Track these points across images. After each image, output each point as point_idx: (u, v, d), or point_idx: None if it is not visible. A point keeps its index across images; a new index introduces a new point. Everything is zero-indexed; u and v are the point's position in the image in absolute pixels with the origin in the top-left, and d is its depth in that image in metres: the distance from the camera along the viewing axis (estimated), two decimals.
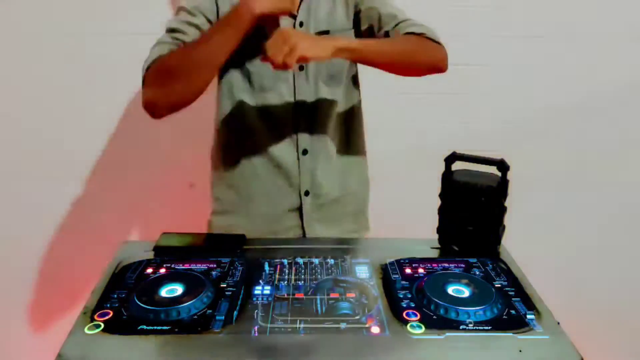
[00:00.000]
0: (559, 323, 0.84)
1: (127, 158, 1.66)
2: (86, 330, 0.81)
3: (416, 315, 0.85)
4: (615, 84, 1.65)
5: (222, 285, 0.92)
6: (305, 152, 1.22)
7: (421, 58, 1.14)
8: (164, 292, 0.89)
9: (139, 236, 1.09)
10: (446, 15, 1.56)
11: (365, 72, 1.33)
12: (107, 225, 1.66)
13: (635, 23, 1.61)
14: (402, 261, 1.01)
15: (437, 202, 1.08)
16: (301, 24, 1.18)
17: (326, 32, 1.18)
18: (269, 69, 1.06)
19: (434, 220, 1.09)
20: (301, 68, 1.18)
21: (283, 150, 1.21)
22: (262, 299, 0.89)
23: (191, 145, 1.66)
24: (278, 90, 1.18)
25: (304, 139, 1.21)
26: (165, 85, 1.08)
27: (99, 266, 1.00)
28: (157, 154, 1.67)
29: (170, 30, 1.12)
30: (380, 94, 1.39)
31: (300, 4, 1.17)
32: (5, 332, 1.78)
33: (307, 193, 1.24)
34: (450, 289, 0.90)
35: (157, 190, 1.69)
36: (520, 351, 0.78)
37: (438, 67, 1.16)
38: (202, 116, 1.67)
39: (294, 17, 1.17)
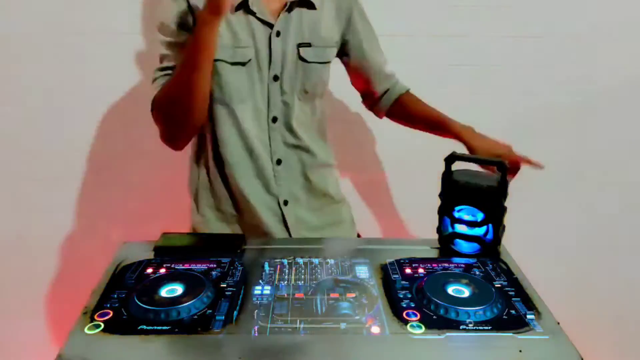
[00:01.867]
0: (559, 323, 0.84)
1: (127, 158, 1.66)
2: (86, 330, 0.81)
3: (416, 315, 0.85)
4: (615, 84, 1.65)
5: (222, 285, 0.92)
6: (279, 162, 1.22)
7: None
8: (164, 292, 0.89)
9: (139, 236, 1.09)
10: (446, 15, 1.57)
11: None
12: (107, 225, 1.66)
13: (635, 23, 1.61)
14: (402, 261, 1.01)
15: (437, 202, 1.08)
16: (278, 34, 1.16)
17: (307, 45, 1.19)
18: (242, 80, 1.15)
19: (434, 220, 1.09)
20: (275, 78, 1.18)
21: (259, 160, 1.21)
22: (262, 299, 0.89)
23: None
24: (253, 100, 1.18)
25: (278, 148, 1.22)
26: (171, 123, 1.14)
27: (99, 266, 1.00)
28: (158, 153, 1.66)
29: (160, 60, 1.15)
30: None
31: (279, 14, 1.16)
32: (6, 332, 1.78)
33: (285, 203, 1.24)
34: (450, 289, 0.90)
35: (157, 190, 1.69)
36: (520, 351, 0.78)
37: None
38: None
39: (271, 26, 1.16)
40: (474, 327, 0.82)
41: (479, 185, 1.03)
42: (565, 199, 1.74)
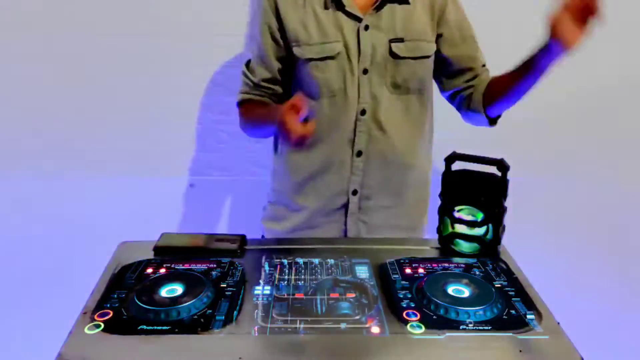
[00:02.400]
0: (559, 323, 0.84)
1: (127, 158, 1.66)
2: (86, 330, 0.81)
3: (416, 315, 0.85)
4: (616, 84, 1.64)
5: (222, 285, 0.92)
6: (359, 153, 1.23)
7: None
8: (164, 292, 0.89)
9: (139, 236, 1.09)
10: None
11: None
12: (107, 225, 1.66)
13: (635, 23, 1.61)
14: (402, 261, 1.01)
15: (437, 202, 1.08)
16: (366, 28, 1.17)
17: (400, 40, 1.18)
18: (332, 73, 1.18)
19: (434, 220, 1.09)
20: (365, 72, 1.19)
21: (339, 149, 1.23)
22: (262, 299, 0.89)
23: (191, 146, 1.66)
24: (344, 93, 1.20)
25: (361, 140, 1.22)
26: (246, 128, 1.30)
27: (99, 266, 1.00)
28: (158, 154, 1.67)
29: (246, 65, 1.28)
30: None
31: (369, 7, 1.17)
32: (6, 332, 1.78)
33: (354, 192, 1.25)
34: (450, 289, 0.90)
35: (157, 190, 1.69)
36: (520, 351, 0.78)
37: None
38: (202, 116, 1.67)
39: (359, 20, 1.17)
40: (474, 327, 0.82)
41: (479, 185, 1.03)
42: (565, 199, 1.74)
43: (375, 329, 0.82)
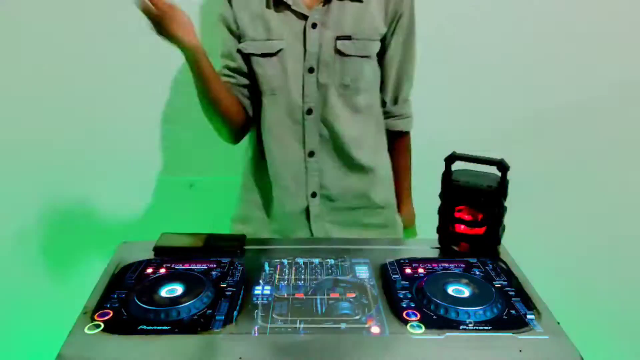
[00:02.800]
0: (559, 323, 0.84)
1: (127, 158, 1.66)
2: (86, 330, 0.81)
3: (416, 315, 0.85)
4: (616, 84, 1.64)
5: (222, 285, 0.92)
6: (312, 153, 1.22)
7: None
8: (164, 292, 0.89)
9: (139, 236, 1.09)
10: (446, 15, 1.57)
11: None
12: (107, 225, 1.66)
13: (635, 23, 1.61)
14: (402, 261, 1.01)
15: (437, 202, 1.08)
16: (314, 26, 1.16)
17: (347, 38, 1.17)
18: (274, 71, 1.16)
19: (434, 220, 1.09)
20: (311, 70, 1.17)
21: (291, 150, 1.22)
22: (262, 299, 0.89)
23: (191, 146, 1.67)
24: (287, 91, 1.19)
25: (312, 140, 1.21)
26: (208, 119, 1.25)
27: (99, 266, 1.00)
28: (157, 154, 1.67)
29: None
30: None
31: (316, 3, 1.16)
32: (6, 332, 1.78)
33: (314, 195, 1.24)
34: (450, 289, 0.90)
35: (157, 190, 1.69)
36: (520, 351, 0.78)
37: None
38: (202, 116, 1.67)
39: (305, 18, 1.16)
40: (474, 327, 0.82)
41: (479, 185, 1.03)
42: (566, 199, 1.74)
43: (375, 329, 0.82)
